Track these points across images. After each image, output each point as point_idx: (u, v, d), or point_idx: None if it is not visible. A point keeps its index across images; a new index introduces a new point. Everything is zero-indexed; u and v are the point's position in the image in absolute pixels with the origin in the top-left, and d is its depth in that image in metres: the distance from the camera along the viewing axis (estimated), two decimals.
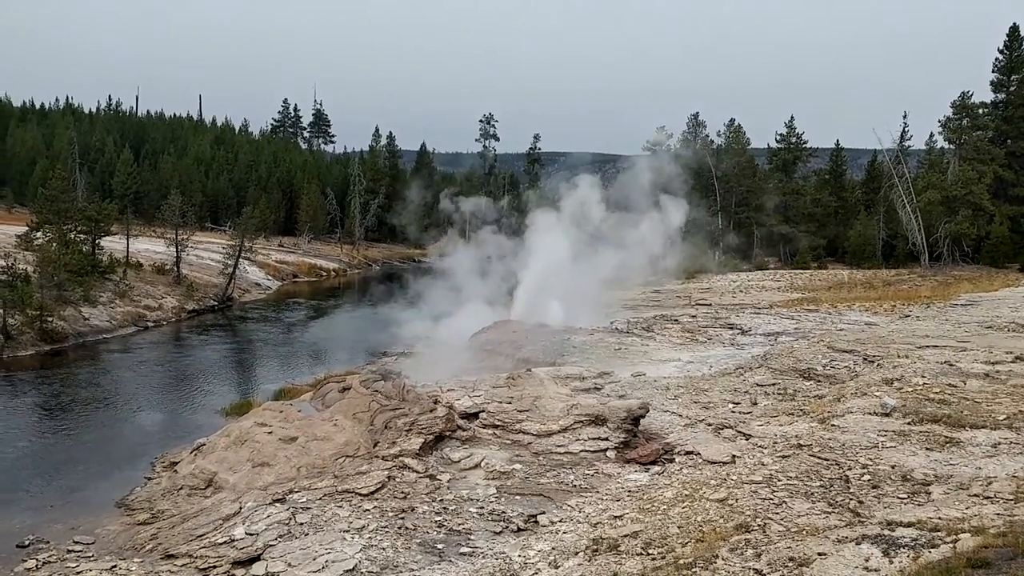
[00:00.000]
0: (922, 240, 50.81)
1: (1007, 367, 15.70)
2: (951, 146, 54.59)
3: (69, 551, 11.04)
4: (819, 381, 16.71)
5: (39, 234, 32.55)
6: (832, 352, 18.45)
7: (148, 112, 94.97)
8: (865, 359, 17.43)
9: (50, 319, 26.81)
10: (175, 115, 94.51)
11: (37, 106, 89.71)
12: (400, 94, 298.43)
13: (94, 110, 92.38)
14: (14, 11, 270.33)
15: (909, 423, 12.34)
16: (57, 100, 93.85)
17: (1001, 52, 53.50)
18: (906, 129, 58.44)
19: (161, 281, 37.05)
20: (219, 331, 33.21)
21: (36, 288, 27.02)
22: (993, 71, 53.94)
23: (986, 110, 53.38)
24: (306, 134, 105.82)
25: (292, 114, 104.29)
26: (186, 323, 33.86)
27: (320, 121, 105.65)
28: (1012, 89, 53.62)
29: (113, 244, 36.27)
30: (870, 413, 13.02)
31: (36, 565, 10.59)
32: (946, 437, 11.58)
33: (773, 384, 16.83)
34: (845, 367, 17.25)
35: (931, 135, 61.56)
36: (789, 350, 19.46)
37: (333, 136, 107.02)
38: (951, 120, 52.49)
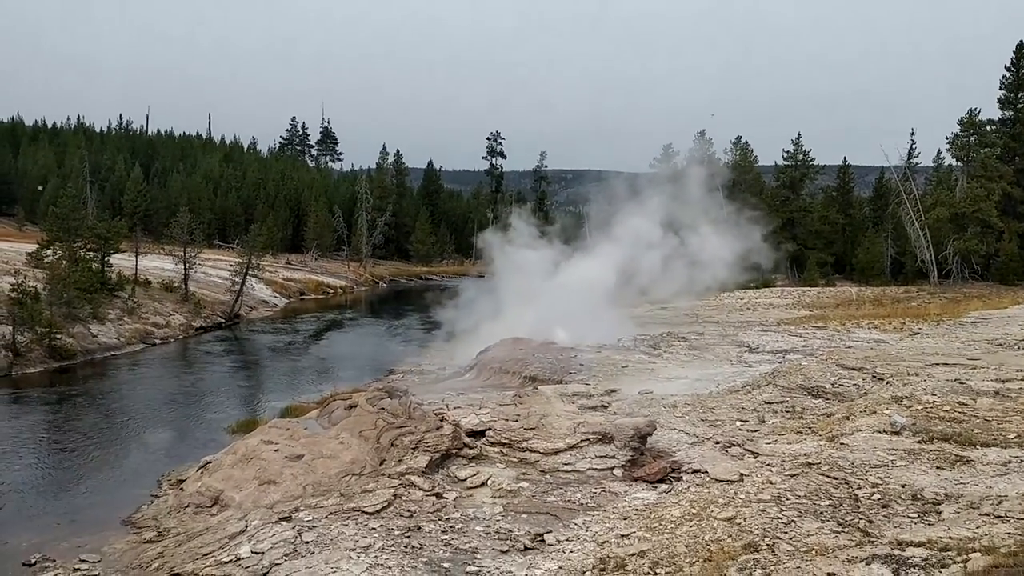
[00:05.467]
0: (931, 257, 50.66)
1: (1017, 385, 15.57)
2: (959, 163, 54.56)
3: (75, 569, 10.99)
4: (828, 399, 16.61)
5: (49, 252, 32.70)
6: (840, 370, 18.33)
7: (158, 131, 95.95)
8: (874, 377, 17.31)
9: (59, 336, 26.89)
10: (184, 134, 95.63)
11: (49, 125, 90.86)
12: (408, 112, 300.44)
13: (105, 129, 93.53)
14: (29, 31, 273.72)
15: (919, 441, 12.24)
16: (69, 119, 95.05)
17: (1008, 70, 53.50)
18: (913, 146, 58.53)
19: (169, 298, 37.18)
20: (226, 348, 33.26)
21: (46, 305, 27.15)
22: (1000, 88, 53.93)
23: (994, 127, 53.36)
24: (314, 152, 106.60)
25: (300, 132, 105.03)
26: (193, 340, 33.95)
27: (328, 139, 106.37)
28: (1020, 107, 53.58)
29: (122, 261, 36.44)
30: (879, 431, 12.92)
31: None
32: (956, 456, 11.48)
33: (781, 402, 16.74)
34: (854, 385, 17.13)
35: (939, 152, 61.59)
36: (797, 368, 19.35)
37: (340, 154, 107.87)
38: (959, 137, 52.52)
